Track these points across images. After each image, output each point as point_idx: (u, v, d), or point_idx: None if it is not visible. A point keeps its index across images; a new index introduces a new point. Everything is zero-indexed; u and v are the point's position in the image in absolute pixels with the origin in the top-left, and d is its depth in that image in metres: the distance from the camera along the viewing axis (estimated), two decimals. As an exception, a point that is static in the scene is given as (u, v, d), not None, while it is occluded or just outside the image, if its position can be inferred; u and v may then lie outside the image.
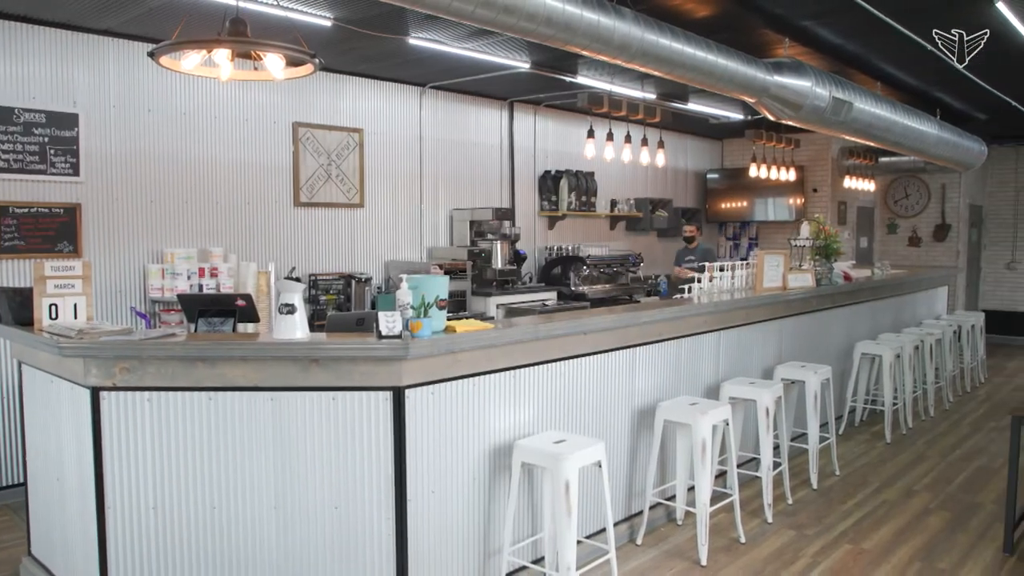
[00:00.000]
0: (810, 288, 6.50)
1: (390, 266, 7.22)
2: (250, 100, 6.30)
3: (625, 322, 4.59)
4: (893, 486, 5.74)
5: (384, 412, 3.40)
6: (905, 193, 12.77)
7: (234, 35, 3.70)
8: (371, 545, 3.43)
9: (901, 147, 7.78)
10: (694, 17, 5.34)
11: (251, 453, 3.39)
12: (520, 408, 3.98)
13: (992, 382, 9.80)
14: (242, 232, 6.30)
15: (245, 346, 3.38)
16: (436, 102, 7.69)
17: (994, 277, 13.20)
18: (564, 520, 3.56)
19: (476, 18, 3.60)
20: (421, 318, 3.40)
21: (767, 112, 5.85)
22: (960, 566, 4.40)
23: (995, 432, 7.26)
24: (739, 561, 4.42)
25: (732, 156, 11.77)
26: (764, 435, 4.95)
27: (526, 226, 8.52)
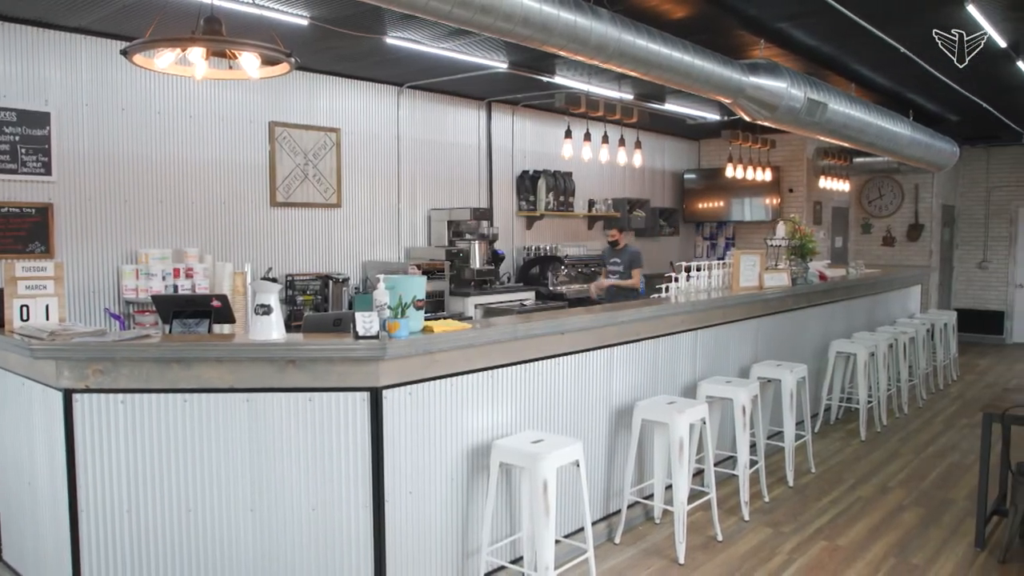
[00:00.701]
0: (786, 287, 6.55)
1: (368, 266, 7.20)
2: (226, 99, 6.25)
3: (603, 322, 4.61)
4: (868, 483, 5.81)
5: (361, 413, 3.39)
6: (879, 193, 12.91)
7: (209, 33, 3.67)
8: (349, 546, 3.42)
9: (875, 148, 7.86)
10: (671, 18, 5.37)
11: (227, 455, 3.36)
12: (498, 408, 3.98)
13: (964, 380, 9.94)
14: (218, 232, 6.25)
15: (221, 347, 3.35)
16: (414, 102, 7.67)
17: (966, 276, 13.39)
18: (542, 520, 3.56)
19: (453, 18, 3.60)
20: (398, 318, 3.39)
21: (743, 113, 5.89)
22: (933, 561, 4.45)
23: (967, 429, 7.36)
24: (716, 559, 4.45)
25: (709, 156, 11.84)
26: (741, 433, 4.99)
27: (504, 226, 8.51)
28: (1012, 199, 12.89)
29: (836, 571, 4.31)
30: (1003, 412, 4.45)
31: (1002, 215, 13.00)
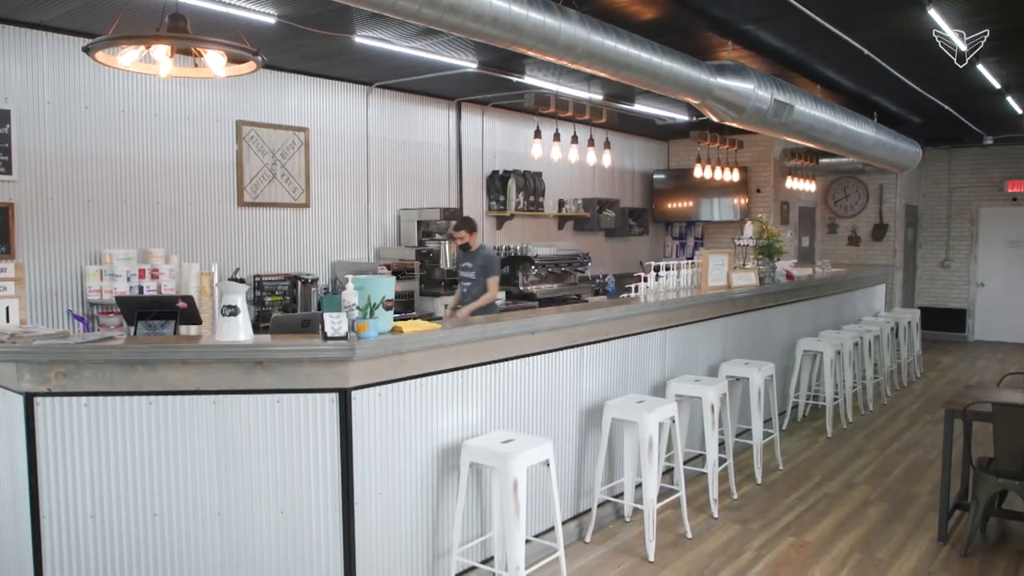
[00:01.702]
0: (754, 287, 6.62)
1: (337, 267, 7.15)
2: (192, 97, 6.17)
3: (572, 321, 4.62)
4: (834, 479, 5.89)
5: (330, 414, 3.36)
6: (845, 194, 13.09)
7: (173, 31, 3.62)
8: (318, 549, 3.39)
9: (840, 149, 7.97)
10: (639, 19, 5.39)
11: (193, 458, 3.32)
12: (468, 408, 3.98)
13: (927, 377, 10.12)
14: (184, 232, 6.17)
15: (186, 349, 3.31)
16: (383, 101, 7.64)
17: (929, 275, 13.63)
18: (512, 519, 3.56)
19: (422, 17, 3.58)
20: (367, 319, 3.37)
21: (711, 114, 5.94)
22: (897, 556, 4.53)
23: (930, 425, 7.49)
24: (686, 556, 4.49)
25: (678, 157, 11.93)
26: (710, 432, 5.03)
27: (474, 226, 8.50)
28: (973, 199, 13.15)
29: (803, 567, 4.37)
30: (964, 408, 4.54)
31: (963, 215, 13.25)
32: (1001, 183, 12.82)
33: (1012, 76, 7.44)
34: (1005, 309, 12.99)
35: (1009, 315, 12.96)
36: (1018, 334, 12.91)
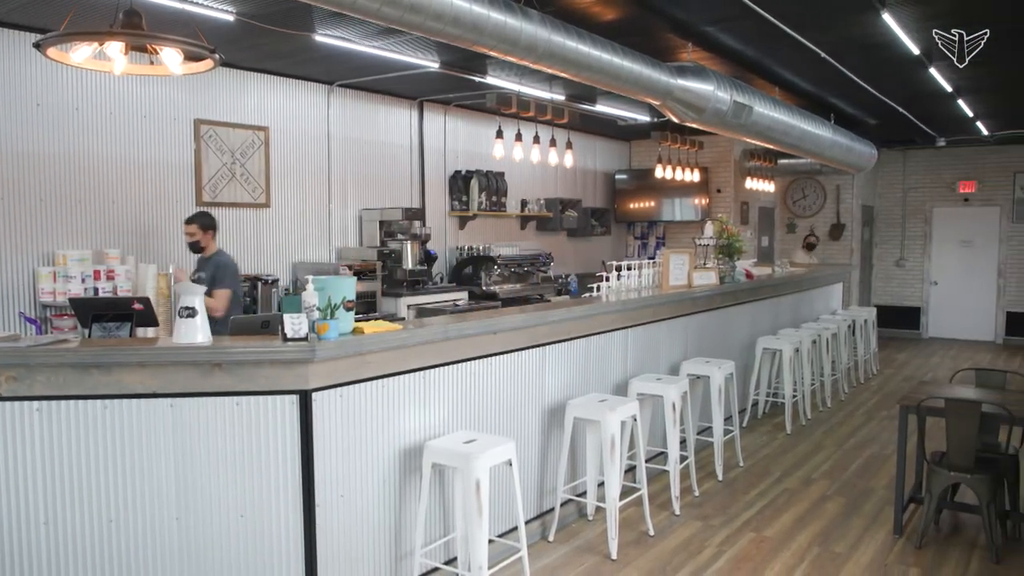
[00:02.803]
0: (714, 286, 6.69)
1: (298, 267, 7.08)
2: (148, 95, 6.06)
3: (535, 321, 4.63)
4: (793, 475, 5.98)
5: (290, 416, 3.33)
6: (803, 194, 13.30)
7: (128, 27, 3.56)
8: (279, 553, 3.36)
9: (798, 150, 8.09)
10: (601, 20, 5.42)
11: (150, 462, 3.26)
12: (430, 409, 3.97)
13: (884, 373, 10.32)
14: (141, 233, 6.06)
15: (143, 351, 3.26)
16: (344, 100, 7.58)
17: (885, 274, 13.91)
18: (475, 520, 3.56)
19: (382, 16, 3.56)
20: (328, 320, 3.35)
21: (671, 114, 5.99)
22: (855, 549, 4.61)
23: (886, 421, 7.64)
24: (648, 554, 4.52)
25: (639, 157, 12.01)
26: (671, 430, 5.08)
27: (437, 226, 8.48)
28: (927, 199, 13.44)
29: (763, 562, 4.43)
30: (918, 404, 4.63)
31: (917, 215, 13.55)
32: (953, 184, 13.13)
33: (963, 80, 7.62)
34: (957, 307, 13.30)
35: (961, 312, 13.27)
36: (969, 331, 13.23)
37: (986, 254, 13.00)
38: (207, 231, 5.49)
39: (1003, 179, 12.74)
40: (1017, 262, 12.73)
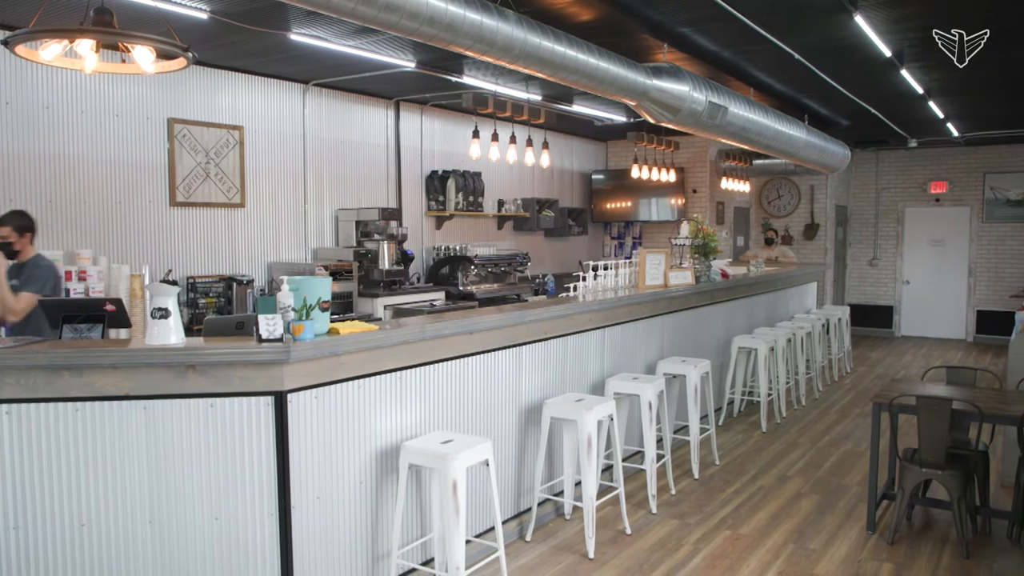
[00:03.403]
0: (690, 285, 6.73)
1: (273, 267, 7.03)
2: (120, 94, 5.99)
3: (512, 321, 4.63)
4: (768, 473, 6.03)
5: (266, 418, 3.31)
6: (778, 194, 13.42)
7: (99, 24, 3.51)
8: (255, 555, 3.33)
9: (773, 150, 8.15)
10: (577, 21, 5.43)
11: (123, 466, 3.23)
12: (407, 409, 3.96)
13: (857, 371, 10.43)
14: (113, 233, 5.99)
15: (115, 353, 3.22)
16: (320, 100, 7.54)
17: (858, 273, 14.06)
18: (452, 520, 3.56)
19: (357, 15, 3.55)
20: (303, 320, 3.33)
21: (647, 115, 6.01)
22: (829, 545, 4.66)
23: (860, 418, 7.73)
24: (625, 552, 4.54)
25: (616, 157, 12.06)
26: (648, 429, 5.10)
27: (413, 226, 8.46)
28: (899, 200, 13.61)
29: (739, 559, 4.46)
30: (890, 402, 4.69)
31: (890, 215, 13.71)
32: (925, 184, 13.31)
33: (934, 82, 7.72)
34: (929, 305, 13.49)
35: (932, 311, 13.46)
36: (941, 329, 13.42)
37: (957, 254, 13.19)
38: (24, 234, 4.68)
39: (973, 180, 12.93)
40: (987, 262, 12.93)
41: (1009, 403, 4.74)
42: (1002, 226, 12.77)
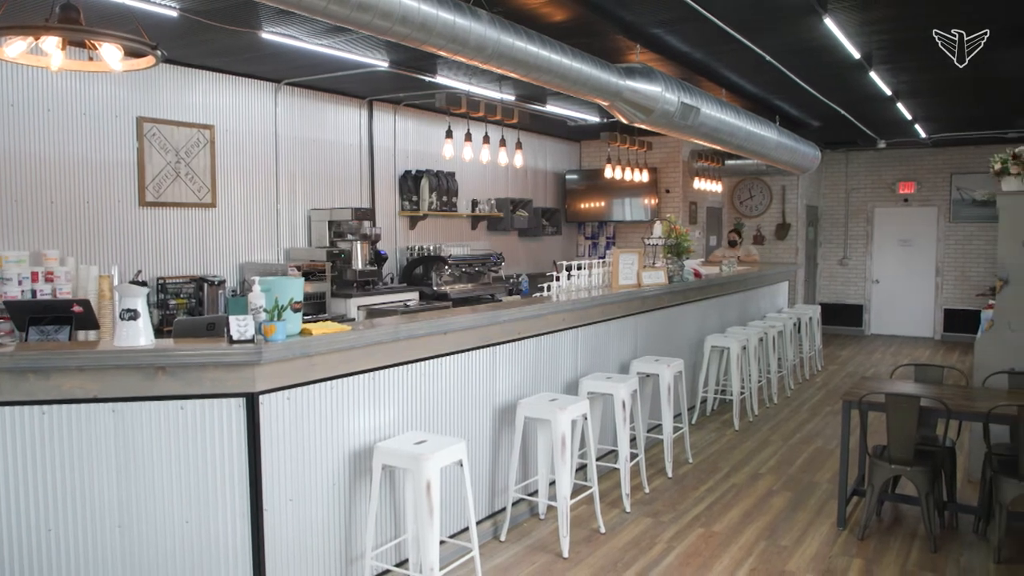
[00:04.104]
0: (663, 285, 6.77)
1: (245, 268, 6.97)
2: (88, 92, 5.90)
3: (485, 321, 4.63)
4: (741, 471, 6.08)
5: (237, 420, 3.28)
6: (750, 194, 13.55)
7: (64, 21, 3.45)
8: (226, 559, 3.30)
9: (744, 151, 8.23)
10: (550, 21, 5.44)
11: (91, 469, 3.18)
12: (380, 410, 3.94)
13: (828, 370, 10.55)
14: (81, 234, 5.90)
15: (82, 355, 3.17)
16: (292, 99, 7.48)
17: (829, 272, 14.23)
18: (426, 520, 3.55)
19: (329, 14, 3.53)
20: (275, 321, 3.30)
21: (620, 115, 6.04)
22: (800, 542, 4.71)
23: (831, 416, 7.82)
24: (599, 551, 4.55)
25: (590, 157, 12.09)
26: (621, 428, 5.12)
27: (387, 226, 8.42)
28: (868, 200, 13.79)
29: (712, 556, 4.49)
30: (860, 399, 4.75)
31: (860, 215, 13.89)
32: (893, 184, 13.50)
33: (902, 84, 7.84)
34: (898, 304, 13.68)
35: (901, 310, 13.65)
36: (910, 328, 13.61)
37: (925, 253, 13.39)
38: None
39: (940, 180, 13.14)
40: (954, 261, 13.14)
41: (975, 400, 4.82)
42: (968, 226, 12.98)
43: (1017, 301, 5.59)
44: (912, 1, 5.08)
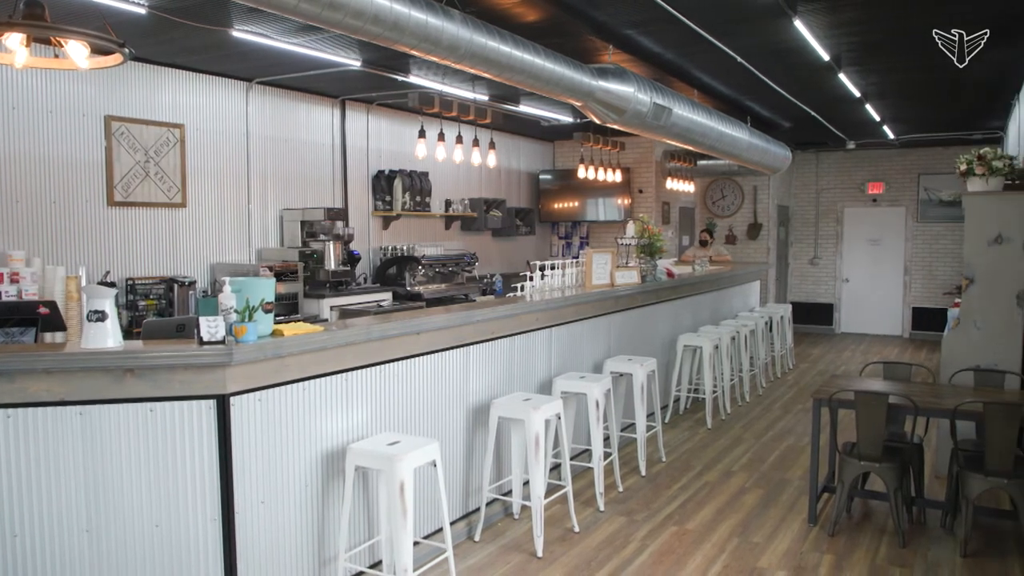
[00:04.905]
0: (636, 285, 6.80)
1: (216, 268, 6.90)
2: (55, 90, 5.81)
3: (459, 321, 4.62)
4: (713, 468, 6.12)
5: (207, 422, 3.24)
6: (722, 194, 13.65)
7: (29, 18, 3.39)
8: (197, 562, 3.27)
9: (716, 151, 8.29)
10: (523, 21, 5.45)
11: (58, 473, 3.13)
12: (353, 411, 3.92)
13: (799, 368, 10.67)
14: (48, 234, 5.81)
15: (48, 357, 3.12)
16: (264, 98, 7.42)
17: (800, 271, 14.38)
18: (400, 522, 3.53)
19: (300, 13, 3.50)
20: (246, 322, 3.27)
21: (593, 116, 6.06)
22: (772, 539, 4.75)
23: (802, 413, 7.90)
24: (573, 550, 4.56)
25: (563, 158, 12.12)
26: (595, 427, 5.14)
27: (360, 226, 8.38)
28: (838, 200, 13.96)
29: (685, 554, 4.52)
30: (830, 397, 4.81)
31: (830, 215, 14.05)
32: (862, 185, 13.68)
33: (870, 86, 7.94)
34: (867, 303, 13.87)
35: (870, 308, 13.84)
36: (879, 326, 13.80)
37: (893, 252, 13.58)
38: None
39: (908, 180, 13.33)
40: (921, 260, 13.34)
41: (942, 397, 4.90)
42: (935, 226, 13.19)
43: (982, 300, 5.69)
44: (880, 4, 5.15)
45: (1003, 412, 4.30)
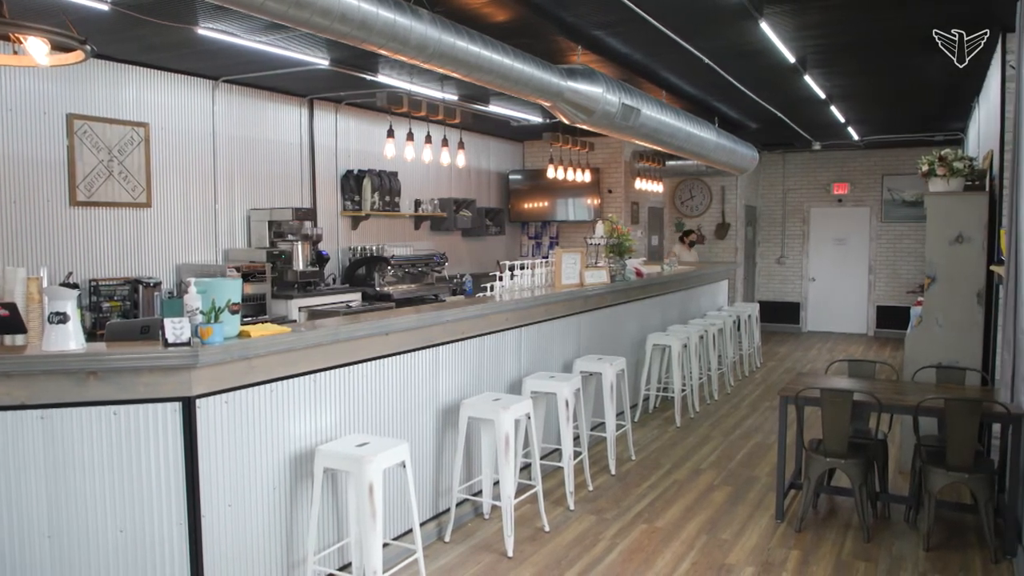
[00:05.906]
0: (605, 284, 6.83)
1: (182, 269, 6.81)
2: (14, 87, 5.70)
3: (428, 321, 4.61)
4: (682, 467, 6.17)
5: (173, 424, 3.20)
6: (690, 195, 13.76)
7: (-13, 15, 3.33)
8: (163, 567, 3.22)
9: (684, 151, 8.35)
10: (492, 21, 5.45)
11: (18, 478, 3.07)
12: (322, 413, 3.89)
13: (767, 366, 10.78)
14: (8, 234, 5.69)
15: (8, 360, 3.06)
16: (230, 97, 7.34)
17: (767, 271, 14.54)
18: (369, 523, 3.52)
19: (267, 11, 3.47)
20: (212, 323, 3.23)
21: (562, 116, 6.07)
22: (740, 535, 4.80)
23: (769, 411, 7.99)
24: (544, 549, 4.57)
25: (533, 158, 12.14)
26: (565, 426, 5.15)
27: (328, 226, 8.33)
28: (804, 200, 14.13)
29: (654, 552, 4.55)
30: (796, 395, 4.86)
31: (796, 215, 14.23)
32: (828, 185, 13.86)
33: (835, 88, 8.05)
34: (832, 302, 14.06)
35: (836, 307, 14.03)
36: (844, 324, 14.00)
37: (858, 252, 13.79)
38: None
39: (872, 181, 13.54)
40: (885, 259, 13.56)
41: (905, 394, 4.98)
42: (899, 226, 13.40)
43: (944, 298, 5.79)
44: (845, 7, 5.22)
45: (964, 408, 4.38)
